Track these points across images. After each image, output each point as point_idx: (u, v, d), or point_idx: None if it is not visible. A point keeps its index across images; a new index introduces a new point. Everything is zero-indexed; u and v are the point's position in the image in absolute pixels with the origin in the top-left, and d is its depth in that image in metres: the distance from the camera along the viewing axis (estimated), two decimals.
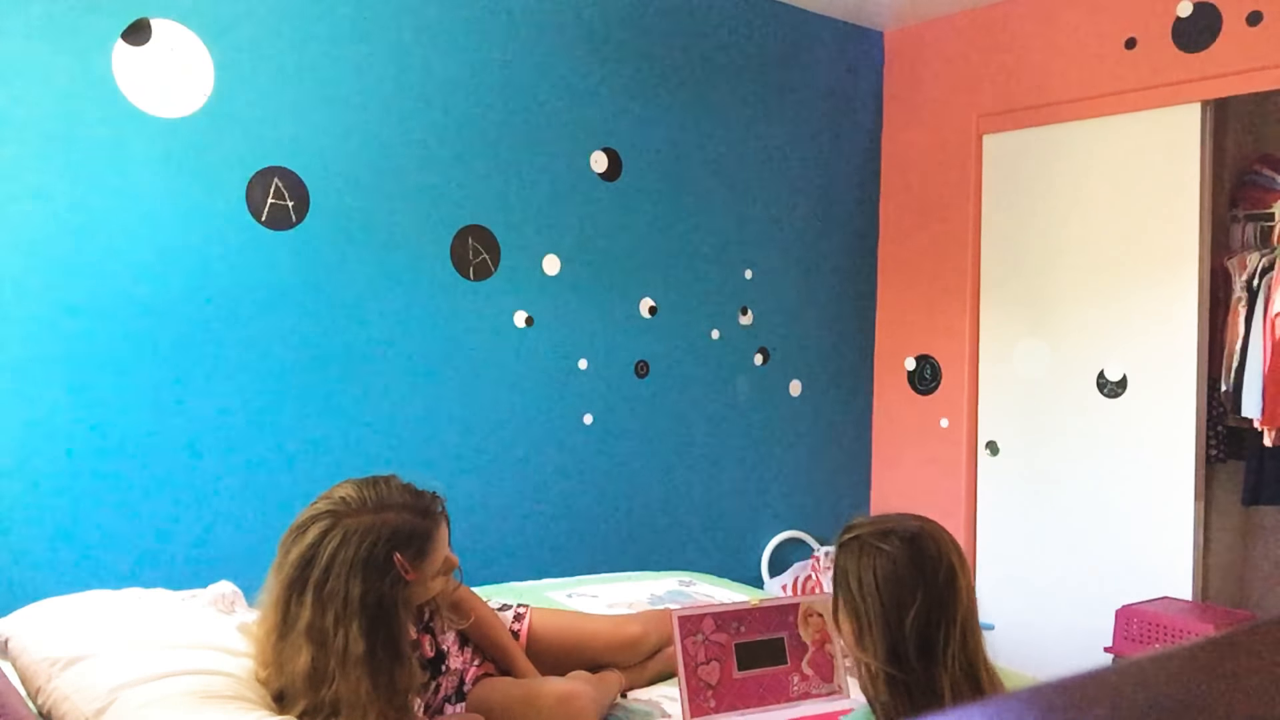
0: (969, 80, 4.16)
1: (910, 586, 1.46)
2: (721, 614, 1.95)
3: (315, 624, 1.69)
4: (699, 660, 1.92)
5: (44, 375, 2.66)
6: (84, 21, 2.69)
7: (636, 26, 3.71)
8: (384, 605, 1.72)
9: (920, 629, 1.44)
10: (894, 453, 4.44)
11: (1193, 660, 0.55)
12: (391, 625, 1.73)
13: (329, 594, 1.70)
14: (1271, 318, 3.46)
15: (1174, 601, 3.42)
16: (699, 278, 3.91)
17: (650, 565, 3.71)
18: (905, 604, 1.45)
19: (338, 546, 1.71)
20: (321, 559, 1.71)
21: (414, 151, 3.22)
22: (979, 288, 4.15)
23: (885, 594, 1.46)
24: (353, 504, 1.77)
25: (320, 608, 1.70)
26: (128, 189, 2.76)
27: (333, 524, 1.74)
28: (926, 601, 1.45)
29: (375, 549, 1.72)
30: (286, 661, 1.72)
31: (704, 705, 1.91)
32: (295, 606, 1.72)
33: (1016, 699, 0.50)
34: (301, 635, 1.70)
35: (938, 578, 1.47)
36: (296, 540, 1.76)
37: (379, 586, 1.71)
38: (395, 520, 1.76)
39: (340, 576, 1.70)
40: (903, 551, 1.48)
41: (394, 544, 1.74)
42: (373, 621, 1.70)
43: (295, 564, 1.73)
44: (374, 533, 1.73)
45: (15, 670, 1.99)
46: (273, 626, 1.75)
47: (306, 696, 1.70)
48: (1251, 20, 3.37)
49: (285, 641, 1.73)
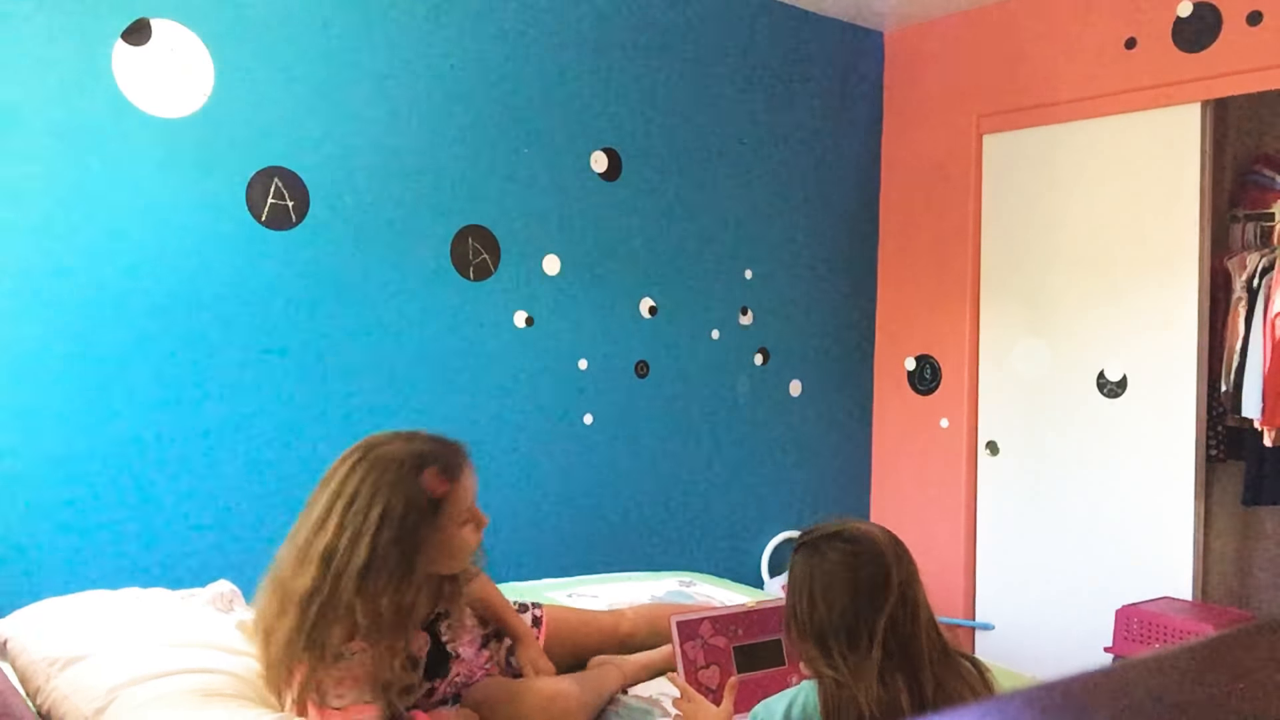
0: (969, 80, 4.16)
1: (877, 586, 1.56)
2: (719, 617, 1.95)
3: (330, 545, 1.69)
4: (698, 664, 1.92)
5: (43, 375, 2.66)
6: (84, 21, 2.69)
7: (636, 26, 3.71)
8: (404, 527, 1.72)
9: (847, 623, 1.55)
10: (894, 453, 4.44)
11: (1193, 660, 0.55)
12: (405, 546, 1.72)
13: (352, 514, 1.71)
14: (1271, 318, 3.46)
15: (1174, 601, 3.42)
16: (699, 278, 3.91)
17: (650, 565, 3.71)
18: (832, 601, 1.56)
19: (366, 470, 1.74)
20: (349, 485, 1.74)
21: (414, 151, 3.22)
22: (979, 288, 4.14)
23: (817, 591, 1.58)
24: (382, 438, 1.82)
25: (339, 530, 1.70)
26: (128, 189, 2.76)
27: (362, 455, 1.78)
28: (855, 599, 1.55)
29: (403, 470, 1.75)
30: (289, 584, 1.70)
31: None
32: (317, 536, 1.71)
33: (1016, 699, 0.50)
34: (315, 555, 1.69)
35: (889, 579, 1.57)
36: (328, 478, 1.79)
37: (401, 506, 1.72)
38: (424, 448, 1.80)
39: (365, 496, 1.72)
40: (849, 553, 1.59)
41: (422, 465, 1.77)
42: (386, 539, 1.70)
43: (325, 495, 1.75)
44: (402, 455, 1.77)
45: (14, 670, 1.99)
46: (290, 563, 1.73)
47: (295, 614, 1.66)
48: (1251, 20, 3.37)
49: (298, 570, 1.71)
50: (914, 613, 1.57)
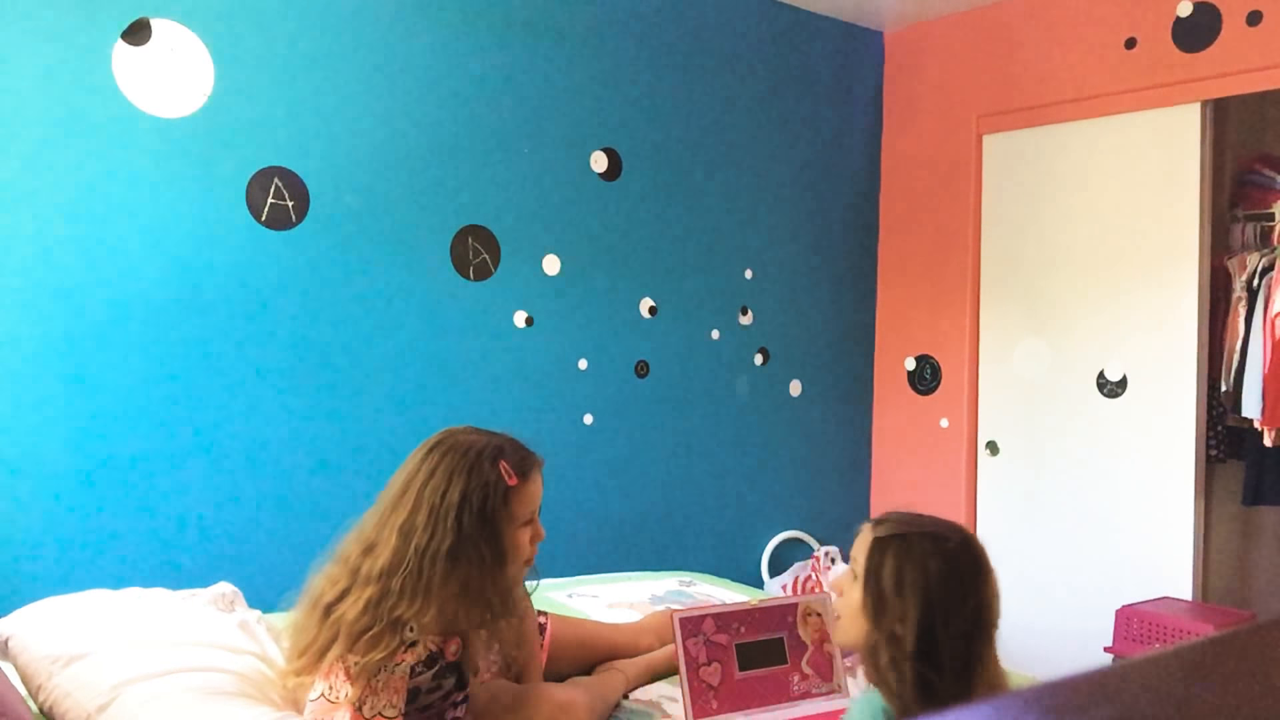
0: (969, 80, 4.16)
1: (959, 594, 1.42)
2: (722, 614, 1.95)
3: (408, 521, 1.73)
4: (700, 661, 1.92)
5: (43, 375, 2.66)
6: (84, 21, 2.69)
7: (636, 26, 3.71)
8: (485, 511, 1.76)
9: (961, 638, 1.39)
10: (894, 453, 4.44)
11: (1193, 660, 0.55)
12: (489, 532, 1.76)
13: (430, 492, 1.74)
14: (1271, 318, 3.46)
15: (1174, 601, 3.42)
16: (699, 278, 3.91)
17: (650, 565, 3.71)
18: (951, 611, 1.40)
19: (443, 454, 1.79)
20: (425, 467, 1.78)
21: (414, 151, 3.22)
22: (979, 288, 4.15)
23: (935, 596, 1.41)
24: (462, 429, 1.88)
25: (417, 506, 1.74)
26: (128, 189, 2.76)
27: (440, 440, 1.84)
28: (971, 611, 1.41)
29: (482, 457, 1.79)
30: (366, 561, 1.72)
31: (707, 706, 1.90)
32: (393, 513, 1.75)
33: (1016, 699, 0.50)
34: (392, 531, 1.73)
35: (986, 588, 1.44)
36: (405, 463, 1.83)
37: (481, 490, 1.76)
38: (501, 441, 1.86)
39: (444, 475, 1.76)
40: (955, 556, 1.44)
41: (498, 456, 1.81)
42: (469, 521, 1.73)
43: (401, 477, 1.79)
44: (480, 444, 1.82)
45: (16, 669, 1.99)
46: (362, 542, 1.75)
47: (375, 585, 1.69)
48: (1251, 20, 3.37)
49: (374, 545, 1.74)
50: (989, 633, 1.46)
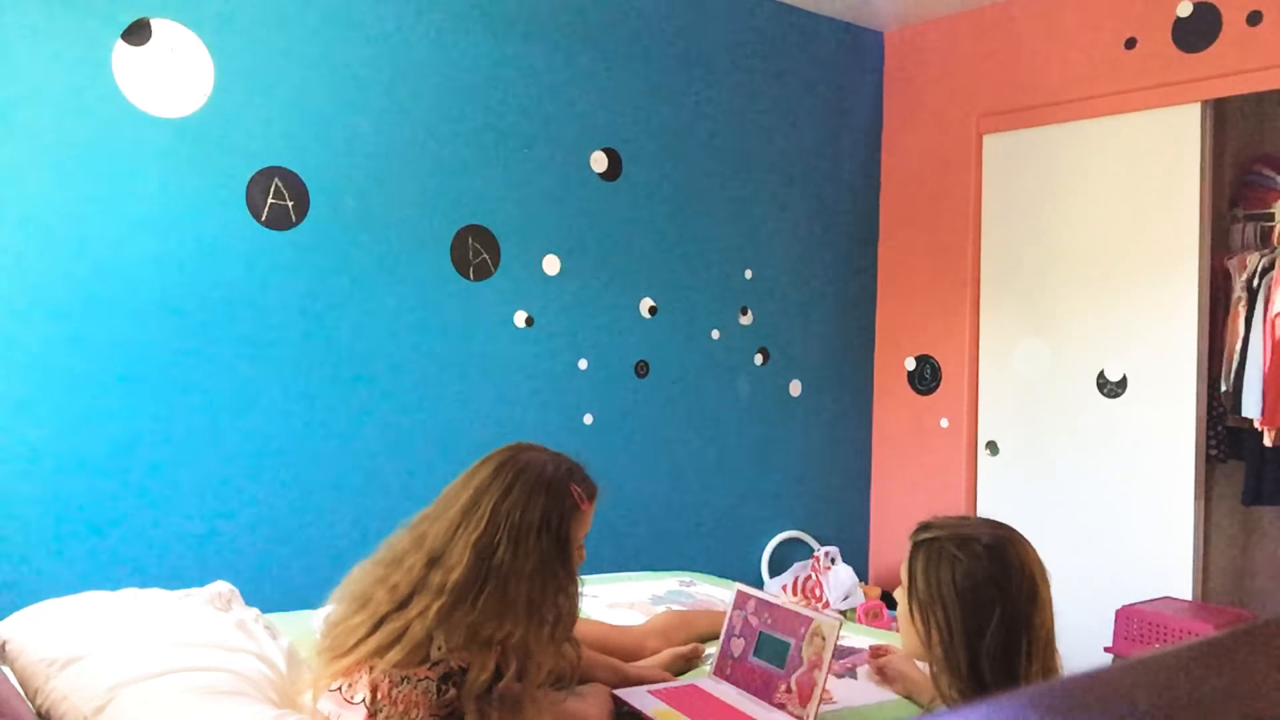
0: (969, 80, 4.16)
1: (989, 599, 1.38)
2: (765, 601, 2.09)
3: (484, 538, 1.69)
4: (734, 632, 2.10)
5: (42, 375, 2.66)
6: (84, 21, 2.69)
7: (636, 26, 3.71)
8: (561, 532, 1.74)
9: (999, 645, 1.36)
10: (894, 453, 4.44)
11: (1193, 660, 0.55)
12: (563, 551, 1.74)
13: (508, 509, 1.71)
14: (1271, 318, 3.46)
15: (1174, 601, 3.42)
16: (699, 278, 3.91)
17: (650, 565, 3.70)
18: (984, 617, 1.37)
19: (519, 471, 1.76)
20: (499, 483, 1.74)
21: (414, 151, 3.22)
22: (979, 288, 4.14)
23: (964, 603, 1.39)
24: (526, 445, 1.84)
25: (493, 523, 1.71)
26: (128, 189, 2.76)
27: (511, 456, 1.79)
28: (1006, 616, 1.37)
29: (556, 476, 1.77)
30: (436, 574, 1.68)
31: (723, 670, 2.09)
32: (462, 529, 1.71)
33: (1017, 699, 0.50)
34: (466, 546, 1.69)
35: (1021, 591, 1.40)
36: (470, 477, 1.78)
37: (558, 510, 1.74)
38: (569, 463, 1.83)
39: (522, 494, 1.73)
40: (983, 560, 1.41)
41: (571, 478, 1.79)
42: (547, 542, 1.71)
43: (468, 491, 1.75)
44: (553, 464, 1.79)
45: (14, 673, 1.99)
46: (426, 548, 1.72)
47: (446, 597, 1.65)
48: (1251, 20, 3.37)
49: (442, 557, 1.70)
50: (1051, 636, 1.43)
